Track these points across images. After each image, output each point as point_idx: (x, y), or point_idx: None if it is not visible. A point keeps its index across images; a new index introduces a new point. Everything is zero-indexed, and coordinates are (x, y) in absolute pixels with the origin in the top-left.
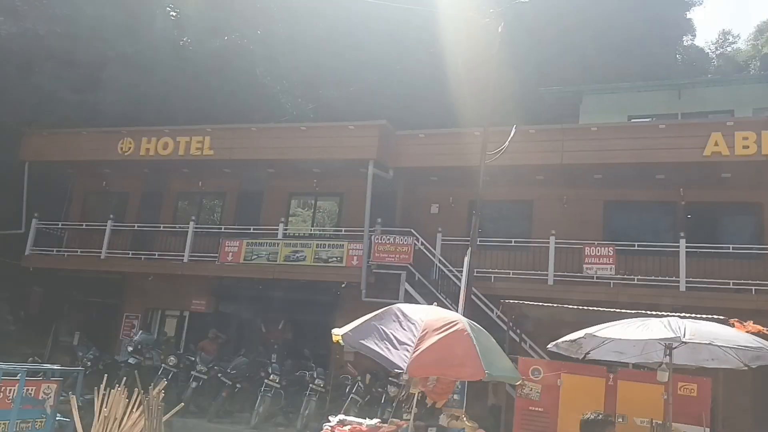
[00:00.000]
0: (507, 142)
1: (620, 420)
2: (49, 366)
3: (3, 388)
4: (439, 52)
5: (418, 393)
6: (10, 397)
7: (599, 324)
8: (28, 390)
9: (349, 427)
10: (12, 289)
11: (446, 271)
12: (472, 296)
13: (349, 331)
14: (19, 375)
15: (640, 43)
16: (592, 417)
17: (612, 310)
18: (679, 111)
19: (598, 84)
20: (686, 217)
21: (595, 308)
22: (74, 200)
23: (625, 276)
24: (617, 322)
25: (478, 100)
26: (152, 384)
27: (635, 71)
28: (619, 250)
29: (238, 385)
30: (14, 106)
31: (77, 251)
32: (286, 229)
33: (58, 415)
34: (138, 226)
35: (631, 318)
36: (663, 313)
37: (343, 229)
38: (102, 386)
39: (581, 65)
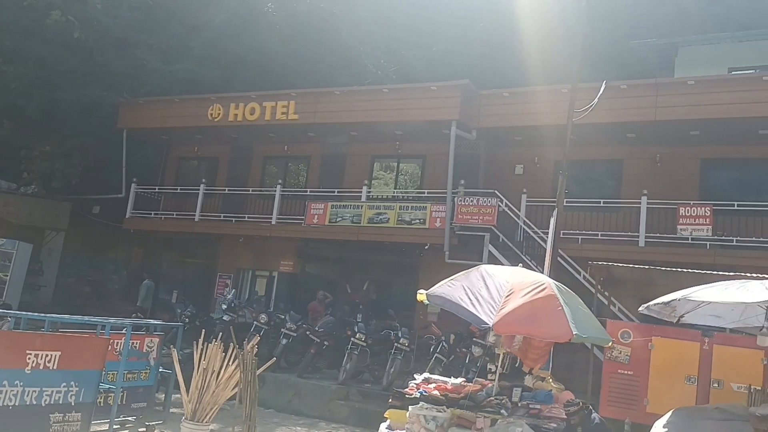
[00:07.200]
0: (596, 99)
1: (715, 385)
2: (151, 321)
3: (112, 341)
4: (521, 7)
5: (504, 353)
6: (118, 350)
7: (694, 287)
8: (133, 343)
9: (434, 385)
10: (115, 250)
11: (531, 233)
12: (559, 258)
13: (435, 289)
14: (125, 329)
15: None
16: None
17: (708, 272)
18: None
19: (696, 35)
20: None
21: (689, 270)
22: (168, 165)
23: (723, 237)
24: (714, 284)
25: (564, 56)
26: (246, 340)
27: (736, 20)
28: (716, 210)
29: (325, 343)
30: (112, 78)
31: (173, 214)
32: (369, 192)
33: (161, 367)
34: (228, 190)
35: (730, 280)
36: (765, 276)
37: (426, 191)
38: (200, 341)
39: (677, 16)
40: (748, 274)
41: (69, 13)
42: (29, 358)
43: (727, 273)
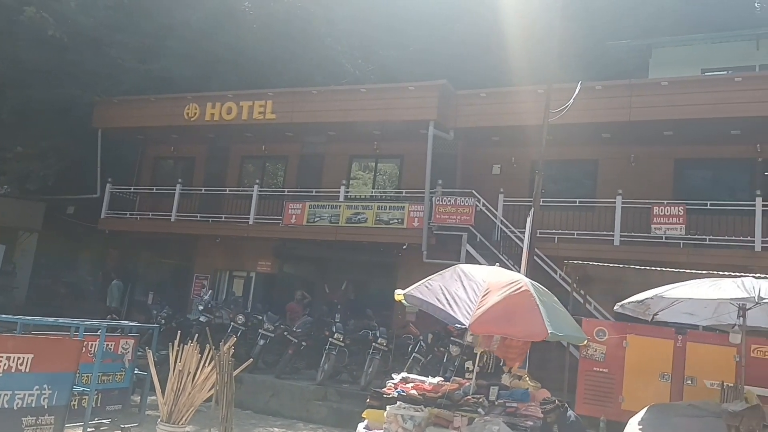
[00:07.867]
0: (572, 100)
1: (689, 382)
2: (126, 323)
3: (86, 343)
4: (499, 7)
5: (485, 353)
6: (92, 352)
7: (668, 285)
8: (108, 345)
9: (411, 384)
10: (90, 251)
11: (508, 233)
12: (535, 257)
13: (412, 290)
14: (100, 331)
15: None
16: None
17: (682, 270)
18: (757, 63)
19: (670, 36)
20: (763, 175)
21: (663, 269)
22: (144, 165)
23: (696, 236)
24: (687, 282)
25: (541, 57)
26: (222, 341)
27: (710, 21)
28: (690, 209)
29: (303, 344)
30: (87, 77)
31: (149, 214)
32: (347, 192)
33: (136, 369)
34: (205, 190)
35: (702, 278)
36: (737, 274)
37: (404, 190)
38: (176, 342)
39: (655, 16)
40: (721, 272)
41: (43, 10)
42: (0, 361)
43: (699, 271)
